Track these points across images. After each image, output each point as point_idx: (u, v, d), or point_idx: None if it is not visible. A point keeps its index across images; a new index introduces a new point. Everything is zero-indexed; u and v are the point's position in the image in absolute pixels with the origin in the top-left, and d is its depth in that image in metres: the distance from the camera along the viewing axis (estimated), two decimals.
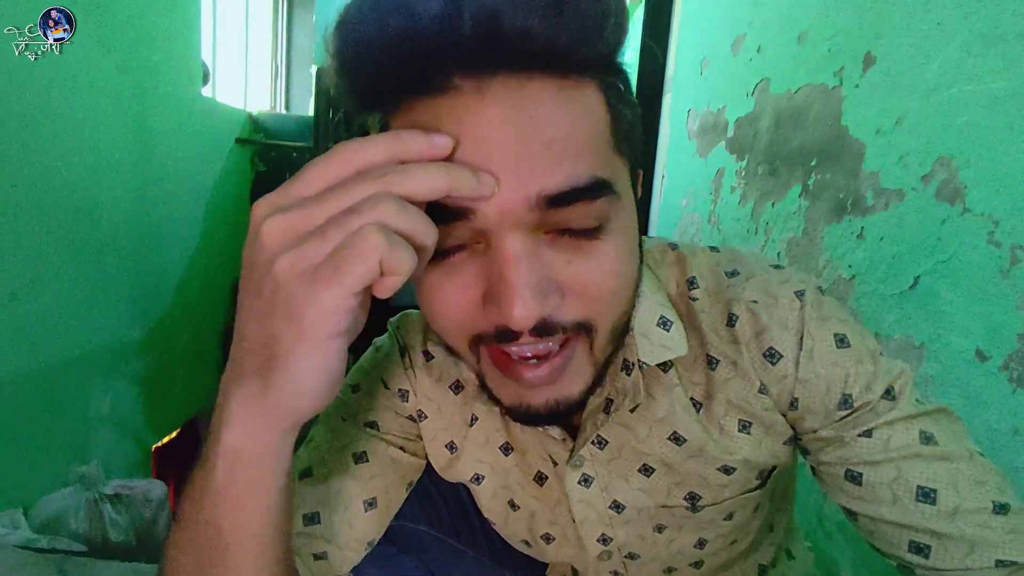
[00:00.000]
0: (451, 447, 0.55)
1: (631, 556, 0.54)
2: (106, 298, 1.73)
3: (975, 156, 0.70)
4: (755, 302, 0.44)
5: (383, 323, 0.58)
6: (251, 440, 0.32)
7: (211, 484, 0.33)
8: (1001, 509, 0.39)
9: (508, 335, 0.35)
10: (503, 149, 0.32)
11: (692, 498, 0.49)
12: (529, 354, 0.36)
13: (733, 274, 0.46)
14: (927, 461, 0.40)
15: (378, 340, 0.58)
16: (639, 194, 0.45)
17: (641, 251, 0.42)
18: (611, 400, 0.46)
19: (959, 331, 0.71)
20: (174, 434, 2.35)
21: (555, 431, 0.49)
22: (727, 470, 0.47)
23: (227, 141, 2.41)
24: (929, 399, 0.44)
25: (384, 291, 0.30)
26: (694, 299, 0.46)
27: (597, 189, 0.34)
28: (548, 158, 0.32)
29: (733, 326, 0.44)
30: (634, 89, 0.42)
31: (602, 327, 0.38)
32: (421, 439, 0.55)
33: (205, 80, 2.33)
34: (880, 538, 0.42)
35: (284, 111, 3.47)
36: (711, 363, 0.46)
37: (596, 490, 0.51)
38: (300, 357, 0.30)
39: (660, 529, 0.52)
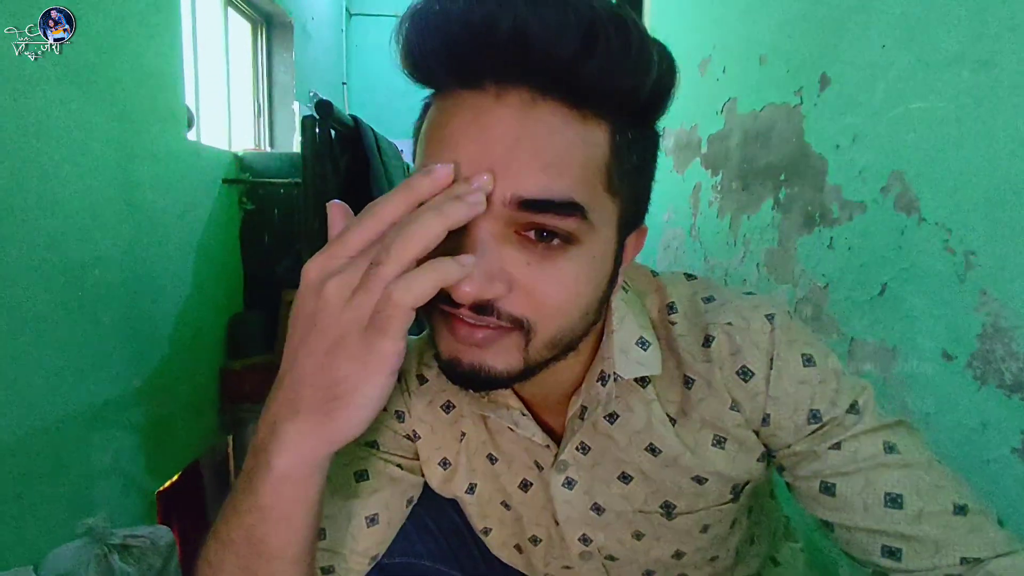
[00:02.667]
0: (444, 463, 0.58)
1: (610, 558, 0.57)
2: (102, 352, 1.75)
3: (925, 170, 0.75)
4: (730, 324, 0.48)
5: None
6: (302, 464, 0.37)
7: (257, 503, 0.38)
8: (960, 510, 0.43)
9: (451, 302, 0.38)
10: (498, 148, 0.37)
11: (667, 506, 0.53)
12: (470, 322, 0.40)
13: (709, 300, 0.50)
14: (892, 469, 0.44)
15: None
16: (635, 248, 0.47)
17: (611, 287, 0.45)
18: (585, 407, 0.50)
19: (926, 334, 0.75)
20: (176, 477, 2.35)
21: (539, 437, 0.52)
22: (700, 480, 0.51)
23: (214, 183, 2.43)
24: (888, 415, 0.47)
25: None
26: (673, 323, 0.50)
27: (569, 208, 0.37)
28: (533, 167, 0.36)
29: (709, 347, 0.48)
30: None
31: (540, 332, 0.40)
32: (418, 458, 0.59)
33: (190, 125, 2.37)
34: (855, 546, 0.45)
35: (269, 149, 3.51)
36: (687, 383, 0.49)
37: (579, 492, 0.54)
38: (366, 391, 0.35)
39: (639, 536, 0.55)
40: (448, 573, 0.67)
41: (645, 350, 0.49)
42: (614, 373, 0.48)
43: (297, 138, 3.51)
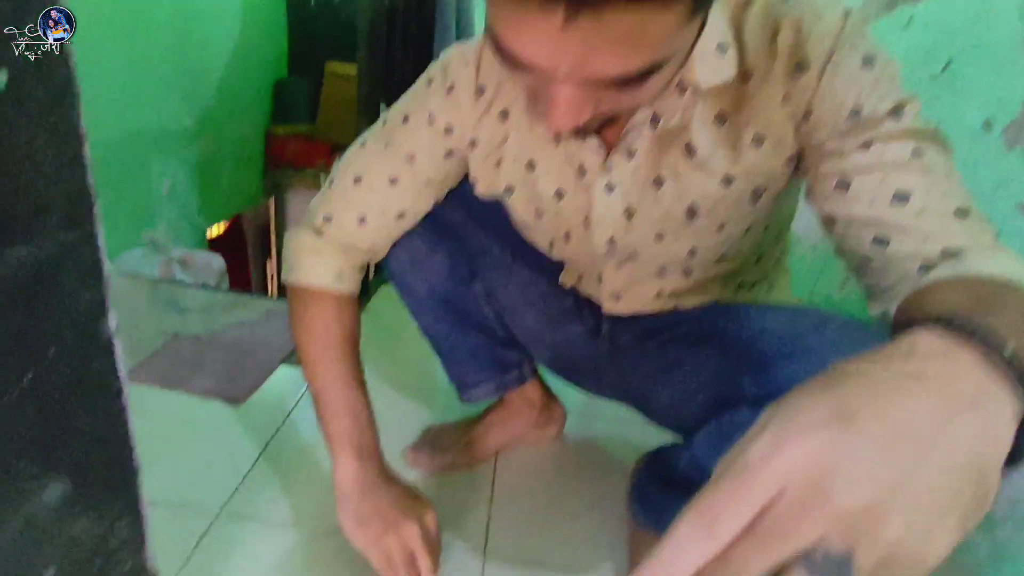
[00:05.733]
0: (497, 163, 0.64)
1: (631, 257, 0.64)
2: (154, 82, 1.81)
3: None
4: (801, 17, 0.48)
5: None
6: None
7: None
8: (962, 214, 0.42)
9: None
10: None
11: (691, 211, 0.57)
12: None
13: None
14: (910, 172, 0.44)
15: (431, 70, 0.64)
16: None
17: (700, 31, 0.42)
18: (658, 116, 0.52)
19: (975, 106, 0.76)
20: (223, 229, 2.55)
21: (593, 141, 0.55)
22: (727, 181, 0.54)
23: None
24: (930, 123, 0.47)
25: None
26: (746, 17, 0.50)
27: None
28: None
29: (775, 40, 0.48)
30: None
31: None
32: (451, 175, 0.67)
33: None
34: (849, 239, 0.47)
35: None
36: (747, 77, 0.50)
37: (616, 196, 0.59)
38: None
39: (660, 238, 0.60)
40: (476, 232, 0.75)
41: (723, 55, 0.49)
42: (695, 84, 0.49)
43: None
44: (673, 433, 0.74)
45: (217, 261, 1.91)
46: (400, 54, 1.50)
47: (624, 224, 0.60)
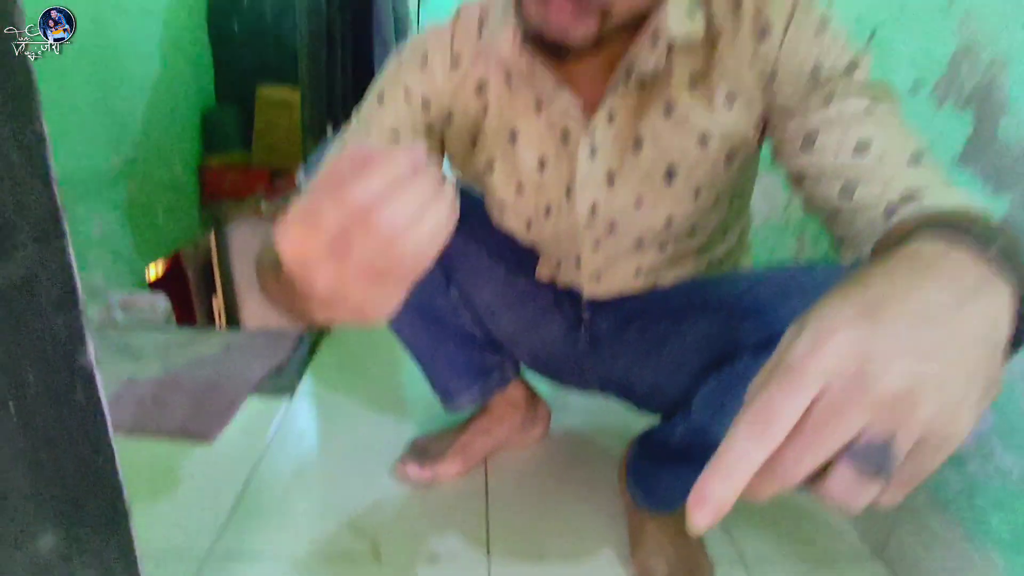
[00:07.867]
0: (472, 140, 0.64)
1: (610, 229, 0.65)
2: (77, 127, 1.72)
3: None
4: None
5: None
6: None
7: None
8: (916, 160, 0.48)
9: None
10: None
11: (669, 173, 0.59)
12: None
13: None
14: (868, 123, 0.49)
15: (402, 48, 0.64)
16: None
17: None
18: (631, 68, 0.54)
19: (904, 66, 0.81)
20: (163, 270, 2.42)
21: (573, 99, 0.57)
22: (704, 141, 0.57)
23: None
24: (877, 81, 0.51)
25: None
26: None
27: None
28: None
29: (740, 6, 0.53)
30: None
31: (617, 10, 0.46)
32: (436, 144, 0.65)
33: None
34: (818, 194, 0.52)
35: None
36: (715, 39, 0.54)
37: (599, 161, 0.61)
38: None
39: (639, 204, 0.62)
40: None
41: (692, 17, 0.53)
42: (669, 36, 0.52)
43: None
44: (658, 416, 0.75)
45: (161, 301, 1.82)
46: (340, 72, 1.48)
47: (606, 189, 0.62)
